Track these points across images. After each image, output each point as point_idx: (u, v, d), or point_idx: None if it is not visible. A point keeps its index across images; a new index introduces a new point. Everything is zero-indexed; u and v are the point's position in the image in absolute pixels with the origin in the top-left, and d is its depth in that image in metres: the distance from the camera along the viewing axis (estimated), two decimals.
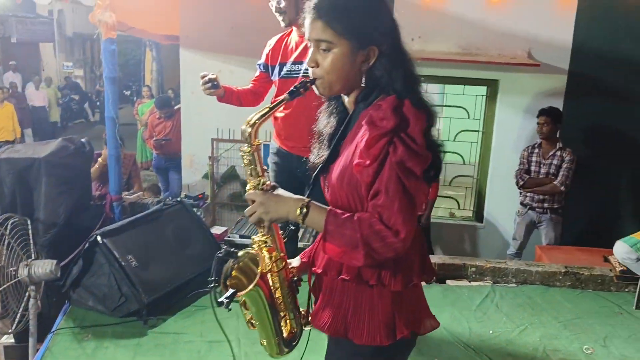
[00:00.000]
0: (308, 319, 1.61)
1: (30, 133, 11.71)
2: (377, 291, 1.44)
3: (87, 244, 3.11)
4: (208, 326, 2.94)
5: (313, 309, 1.58)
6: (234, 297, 1.42)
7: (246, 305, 1.52)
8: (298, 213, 1.38)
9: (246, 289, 1.44)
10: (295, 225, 1.59)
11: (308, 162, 1.61)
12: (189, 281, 3.23)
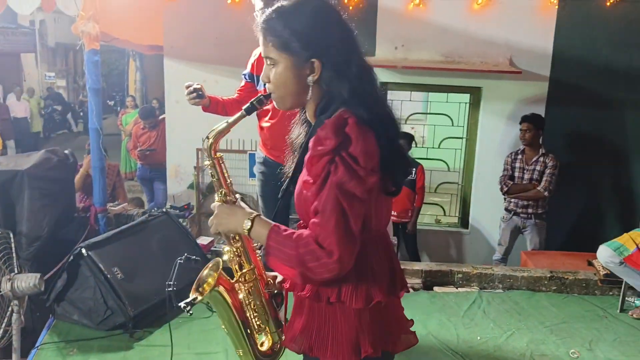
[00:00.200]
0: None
1: (12, 145, 11.56)
2: (339, 308, 1.40)
3: (72, 257, 3.07)
4: (195, 338, 2.91)
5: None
6: (194, 302, 1.48)
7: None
8: (244, 227, 1.40)
9: (205, 294, 1.49)
10: None
11: None
12: (176, 292, 3.19)
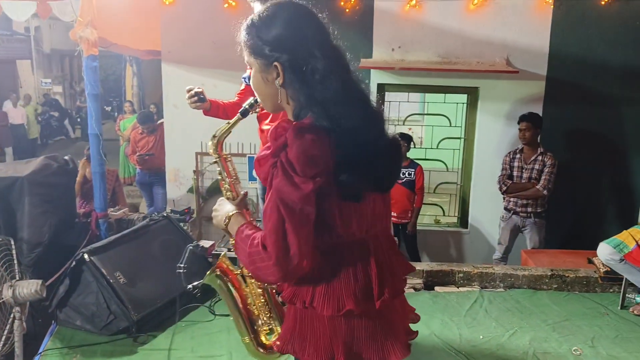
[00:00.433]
0: None
1: (10, 152, 11.54)
2: (314, 314, 1.39)
3: (74, 262, 3.07)
4: (199, 341, 2.91)
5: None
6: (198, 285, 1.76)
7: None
8: (223, 222, 1.46)
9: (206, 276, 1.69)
10: None
11: None
12: (179, 296, 3.20)
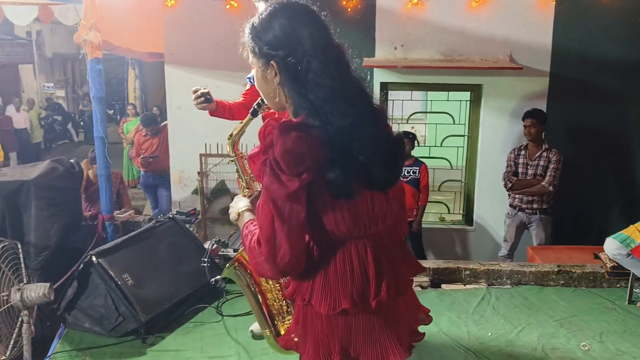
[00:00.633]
0: None
1: (14, 157, 11.57)
2: (313, 311, 1.40)
3: (82, 265, 3.08)
4: (208, 342, 2.91)
5: None
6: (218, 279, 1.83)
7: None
8: (234, 218, 1.50)
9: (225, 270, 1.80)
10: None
11: None
12: (186, 297, 3.21)
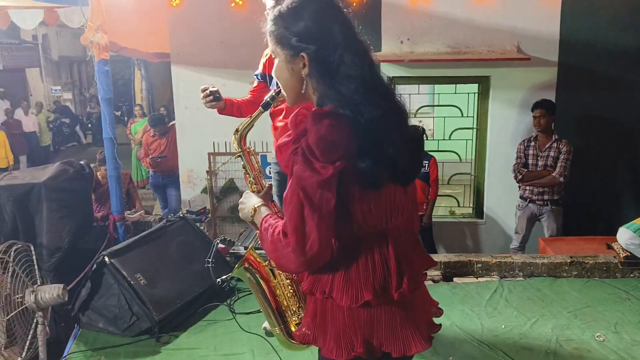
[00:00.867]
0: None
1: (24, 160, 11.66)
2: (333, 304, 1.40)
3: (95, 265, 3.10)
4: (221, 340, 2.92)
5: None
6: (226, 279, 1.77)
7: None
8: (249, 214, 1.47)
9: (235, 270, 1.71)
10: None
11: None
12: (198, 296, 3.22)
